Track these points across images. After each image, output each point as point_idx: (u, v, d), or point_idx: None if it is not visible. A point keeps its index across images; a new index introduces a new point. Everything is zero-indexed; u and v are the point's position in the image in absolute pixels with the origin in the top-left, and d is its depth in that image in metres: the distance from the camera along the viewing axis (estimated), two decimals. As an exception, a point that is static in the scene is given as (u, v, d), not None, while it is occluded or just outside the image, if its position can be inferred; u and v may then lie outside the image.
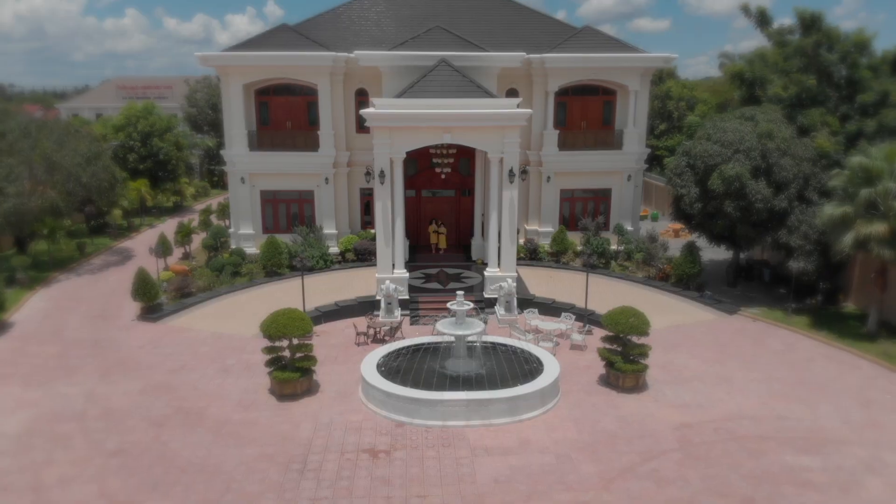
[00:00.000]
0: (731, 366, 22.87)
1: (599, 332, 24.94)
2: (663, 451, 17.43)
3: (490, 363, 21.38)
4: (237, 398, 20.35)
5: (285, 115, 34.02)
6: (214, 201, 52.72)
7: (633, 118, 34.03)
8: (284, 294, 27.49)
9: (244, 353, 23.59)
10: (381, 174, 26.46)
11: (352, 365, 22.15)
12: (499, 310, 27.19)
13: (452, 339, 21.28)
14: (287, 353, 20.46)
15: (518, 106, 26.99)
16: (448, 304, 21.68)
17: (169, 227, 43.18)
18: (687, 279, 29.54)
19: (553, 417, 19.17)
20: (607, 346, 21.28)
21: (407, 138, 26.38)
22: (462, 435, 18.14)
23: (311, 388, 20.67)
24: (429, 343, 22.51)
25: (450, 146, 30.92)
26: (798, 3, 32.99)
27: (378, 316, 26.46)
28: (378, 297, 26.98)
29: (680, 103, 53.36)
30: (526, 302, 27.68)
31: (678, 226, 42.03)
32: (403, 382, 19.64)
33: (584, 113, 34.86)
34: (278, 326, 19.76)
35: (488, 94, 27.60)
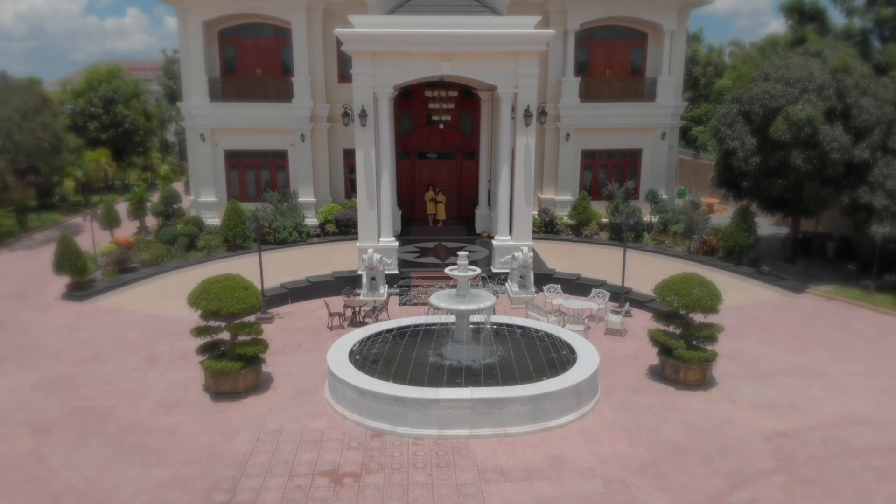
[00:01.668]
0: (819, 355, 17.46)
1: (640, 315, 19.72)
2: (759, 473, 12.04)
3: (504, 350, 15.98)
4: (158, 396, 14.99)
5: (254, 60, 28.57)
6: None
7: (669, 65, 28.59)
8: (246, 269, 21.89)
9: (181, 338, 18.16)
10: (363, 114, 20.98)
11: (320, 354, 16.76)
12: (511, 286, 21.78)
13: (452, 318, 15.93)
14: (226, 336, 15.07)
15: (536, 27, 21.41)
16: (447, 270, 16.25)
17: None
18: (739, 252, 24.17)
19: (593, 424, 13.76)
20: (661, 326, 15.84)
21: (395, 67, 20.81)
22: (466, 449, 12.76)
23: (259, 384, 15.30)
24: (421, 325, 17.11)
25: (449, 88, 25.49)
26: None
27: (359, 294, 21.11)
28: (360, 272, 21.66)
29: (707, 68, 47.83)
30: (545, 278, 22.27)
31: (713, 200, 36.72)
32: (384, 376, 14.26)
33: (610, 59, 29.33)
34: (210, 298, 14.34)
35: (496, 13, 22.04)
